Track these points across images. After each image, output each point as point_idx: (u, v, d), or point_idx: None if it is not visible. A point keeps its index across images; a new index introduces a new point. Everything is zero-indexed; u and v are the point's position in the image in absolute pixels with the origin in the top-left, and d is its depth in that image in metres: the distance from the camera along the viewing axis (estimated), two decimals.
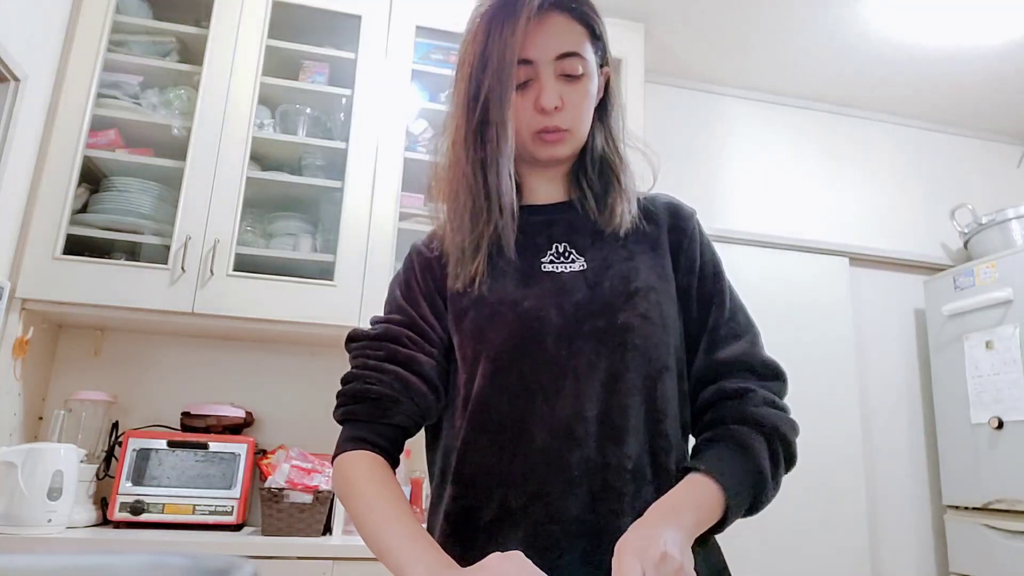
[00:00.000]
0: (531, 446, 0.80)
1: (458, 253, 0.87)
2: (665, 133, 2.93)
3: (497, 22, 0.83)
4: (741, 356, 0.86)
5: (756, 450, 0.78)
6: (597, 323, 0.83)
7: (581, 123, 0.88)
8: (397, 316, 0.89)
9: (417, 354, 0.86)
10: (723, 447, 0.79)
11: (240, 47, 2.17)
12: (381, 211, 2.17)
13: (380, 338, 0.88)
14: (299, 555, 1.77)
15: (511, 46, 0.81)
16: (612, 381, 0.81)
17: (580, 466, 0.78)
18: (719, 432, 0.81)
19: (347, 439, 0.84)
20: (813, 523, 2.68)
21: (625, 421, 0.80)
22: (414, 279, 0.92)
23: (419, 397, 0.85)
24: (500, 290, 0.85)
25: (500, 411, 0.81)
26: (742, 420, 0.81)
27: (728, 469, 0.76)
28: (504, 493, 0.79)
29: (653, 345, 0.83)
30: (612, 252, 0.88)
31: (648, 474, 0.80)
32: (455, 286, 0.87)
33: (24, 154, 1.92)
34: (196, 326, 2.08)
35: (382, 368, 0.85)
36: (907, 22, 2.62)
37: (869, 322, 3.04)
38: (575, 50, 0.86)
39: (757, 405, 0.81)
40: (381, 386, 0.84)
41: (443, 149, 0.89)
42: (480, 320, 0.85)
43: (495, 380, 0.82)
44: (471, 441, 0.82)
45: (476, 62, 0.83)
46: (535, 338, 0.82)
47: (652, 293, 0.85)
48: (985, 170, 3.33)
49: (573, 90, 0.86)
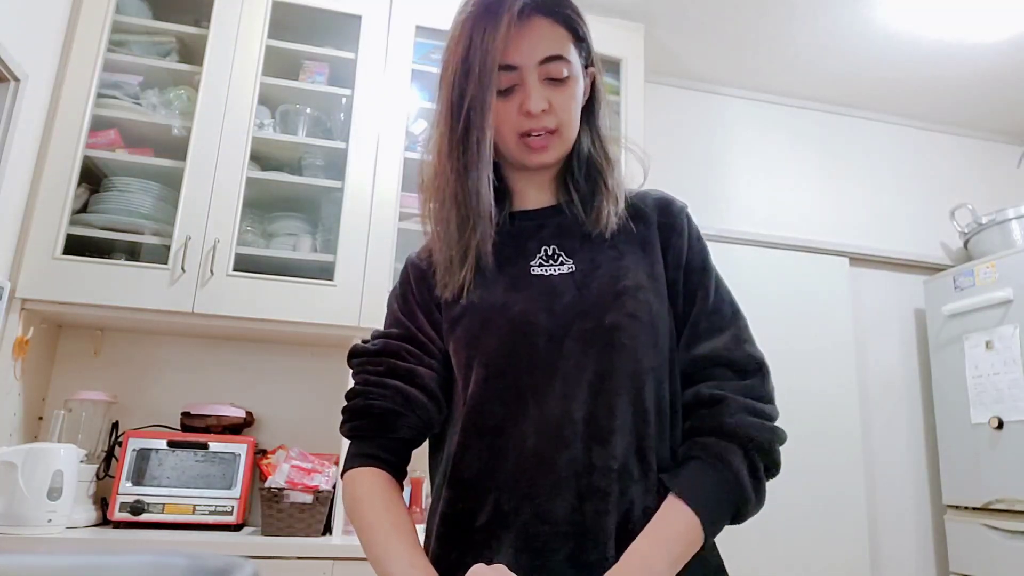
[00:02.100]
0: (523, 448, 0.80)
1: (446, 263, 0.88)
2: (665, 133, 2.93)
3: (478, 28, 0.82)
4: (720, 351, 0.84)
5: (734, 465, 0.78)
6: (585, 324, 0.83)
7: (568, 125, 0.88)
8: (395, 330, 0.91)
9: (416, 367, 0.88)
10: (700, 464, 0.79)
11: (240, 47, 2.17)
12: (381, 211, 2.17)
13: (380, 353, 0.89)
14: (299, 555, 1.77)
15: (492, 53, 0.81)
16: (599, 381, 0.81)
17: (567, 467, 0.79)
18: (696, 448, 0.80)
19: (354, 455, 0.87)
20: (813, 523, 2.68)
21: (611, 421, 0.80)
22: (410, 292, 0.93)
23: (421, 409, 0.87)
24: (490, 296, 0.86)
25: (493, 415, 0.82)
26: (718, 432, 0.79)
27: (704, 492, 0.77)
28: (497, 496, 0.80)
29: (641, 345, 0.83)
30: (601, 253, 0.88)
31: (635, 473, 0.80)
32: (444, 295, 0.88)
33: (24, 154, 1.92)
34: (196, 326, 2.08)
35: (383, 384, 0.87)
36: (907, 22, 2.62)
37: (869, 322, 3.04)
38: (559, 53, 0.85)
39: (732, 414, 0.79)
40: (384, 401, 0.86)
41: (430, 158, 0.90)
42: (472, 327, 0.86)
43: (488, 384, 0.83)
44: (466, 445, 0.83)
45: (458, 69, 0.83)
46: (526, 341, 0.83)
47: (641, 292, 0.85)
48: (985, 170, 3.33)
49: (559, 93, 0.86)
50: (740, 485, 0.78)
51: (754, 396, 0.82)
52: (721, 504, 0.78)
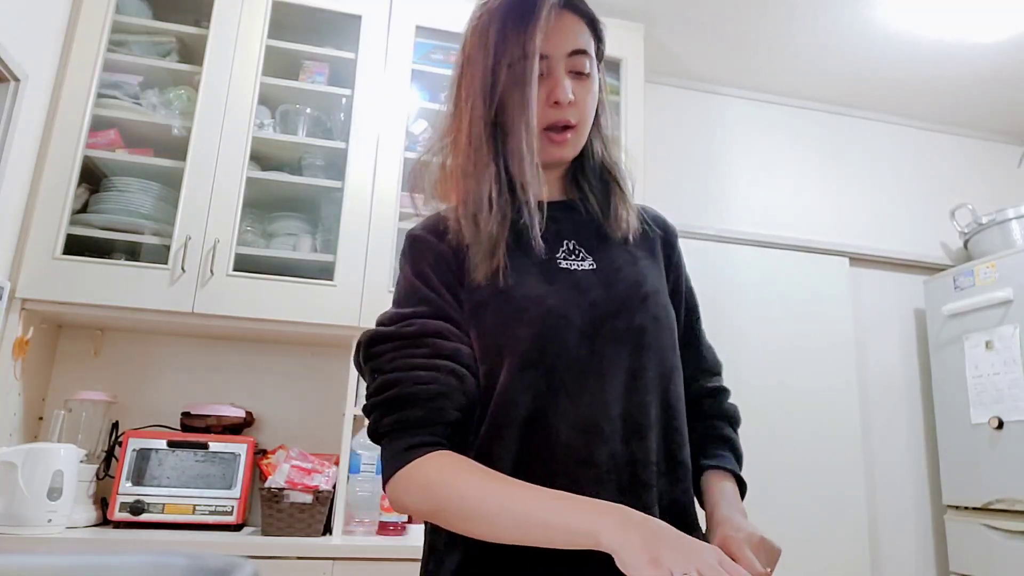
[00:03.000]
0: (554, 442, 0.80)
1: (478, 246, 0.84)
2: (665, 133, 2.93)
3: (514, 16, 0.83)
4: (710, 361, 1.03)
5: (736, 440, 0.98)
6: (617, 323, 0.84)
7: (586, 123, 0.89)
8: (425, 308, 0.84)
9: (460, 346, 0.82)
10: (723, 445, 0.96)
11: (240, 47, 2.17)
12: (381, 211, 2.17)
13: (419, 335, 0.82)
14: (299, 555, 1.77)
15: (533, 40, 0.82)
16: (632, 380, 0.83)
17: (608, 461, 0.80)
18: (714, 430, 0.97)
19: (407, 448, 0.77)
20: (813, 522, 2.68)
21: (646, 419, 0.83)
22: (430, 269, 0.87)
23: (471, 390, 0.81)
24: (523, 285, 0.84)
25: (524, 406, 0.80)
26: (721, 416, 0.99)
27: (735, 464, 0.94)
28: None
29: (664, 346, 0.87)
30: (619, 255, 0.91)
31: (664, 468, 0.84)
32: (475, 278, 0.84)
33: (24, 154, 1.92)
34: (196, 326, 2.08)
35: (434, 365, 0.79)
36: (907, 22, 2.62)
37: (869, 322, 3.04)
38: (585, 48, 0.87)
39: (724, 401, 1.01)
40: (437, 385, 0.78)
41: (447, 147, 0.89)
42: (504, 314, 0.83)
43: (520, 376, 0.81)
44: (496, 436, 0.81)
45: (491, 56, 0.84)
46: (558, 336, 0.82)
47: (659, 296, 0.90)
48: (985, 170, 3.33)
49: (582, 87, 0.87)
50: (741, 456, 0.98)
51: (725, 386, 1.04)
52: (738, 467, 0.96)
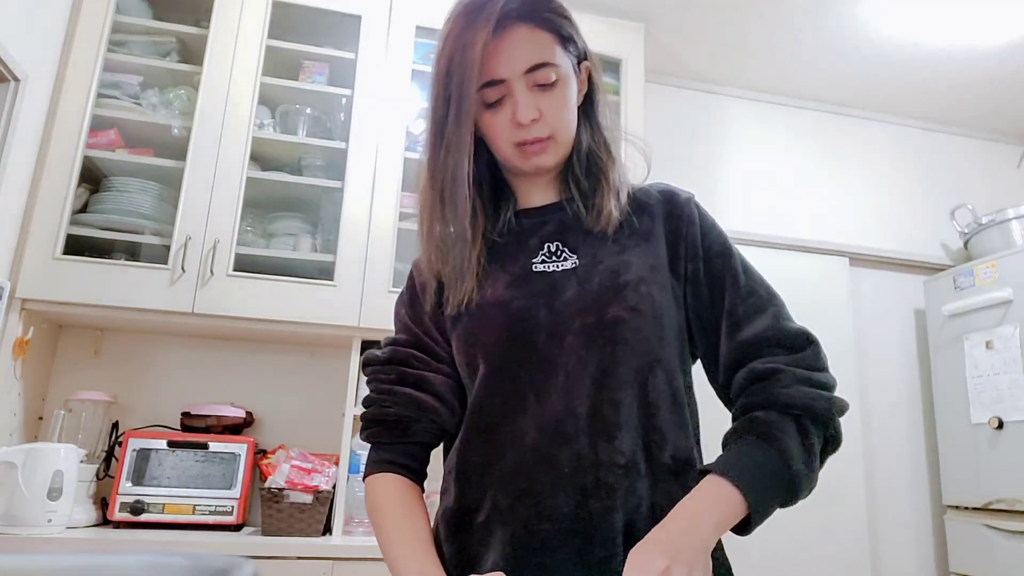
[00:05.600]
0: (522, 444, 0.80)
1: (448, 276, 0.88)
2: (665, 133, 2.93)
3: (459, 45, 0.82)
4: (766, 332, 0.82)
5: (781, 440, 0.74)
6: (586, 319, 0.83)
7: (563, 129, 0.87)
8: (403, 336, 0.93)
9: (426, 373, 0.89)
10: (744, 442, 0.76)
11: (240, 47, 2.16)
12: (381, 211, 2.17)
13: (389, 361, 0.91)
14: (299, 555, 1.77)
15: (470, 73, 0.81)
16: (602, 376, 0.81)
17: (571, 463, 0.78)
18: (743, 424, 0.78)
19: (373, 461, 0.90)
20: (813, 523, 2.68)
21: (617, 416, 0.80)
22: (413, 299, 0.94)
23: (433, 414, 0.88)
24: (491, 294, 0.87)
25: (494, 411, 0.83)
26: (770, 405, 0.77)
27: (746, 467, 0.74)
28: (495, 493, 0.80)
29: (644, 338, 0.82)
30: (603, 248, 0.88)
31: (642, 469, 0.79)
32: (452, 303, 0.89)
33: (24, 154, 1.92)
34: (196, 326, 2.08)
35: (394, 391, 0.89)
36: (907, 22, 2.62)
37: (869, 322, 3.04)
38: (544, 60, 0.84)
39: (787, 386, 0.77)
40: (396, 408, 0.88)
41: (421, 175, 0.90)
42: (471, 324, 0.87)
43: (490, 381, 0.84)
44: (467, 442, 0.85)
45: (441, 87, 0.84)
46: (526, 337, 0.83)
47: (643, 285, 0.84)
48: (985, 170, 3.33)
49: (549, 98, 0.85)
50: (788, 462, 0.74)
51: (807, 366, 0.79)
52: (767, 483, 0.74)
